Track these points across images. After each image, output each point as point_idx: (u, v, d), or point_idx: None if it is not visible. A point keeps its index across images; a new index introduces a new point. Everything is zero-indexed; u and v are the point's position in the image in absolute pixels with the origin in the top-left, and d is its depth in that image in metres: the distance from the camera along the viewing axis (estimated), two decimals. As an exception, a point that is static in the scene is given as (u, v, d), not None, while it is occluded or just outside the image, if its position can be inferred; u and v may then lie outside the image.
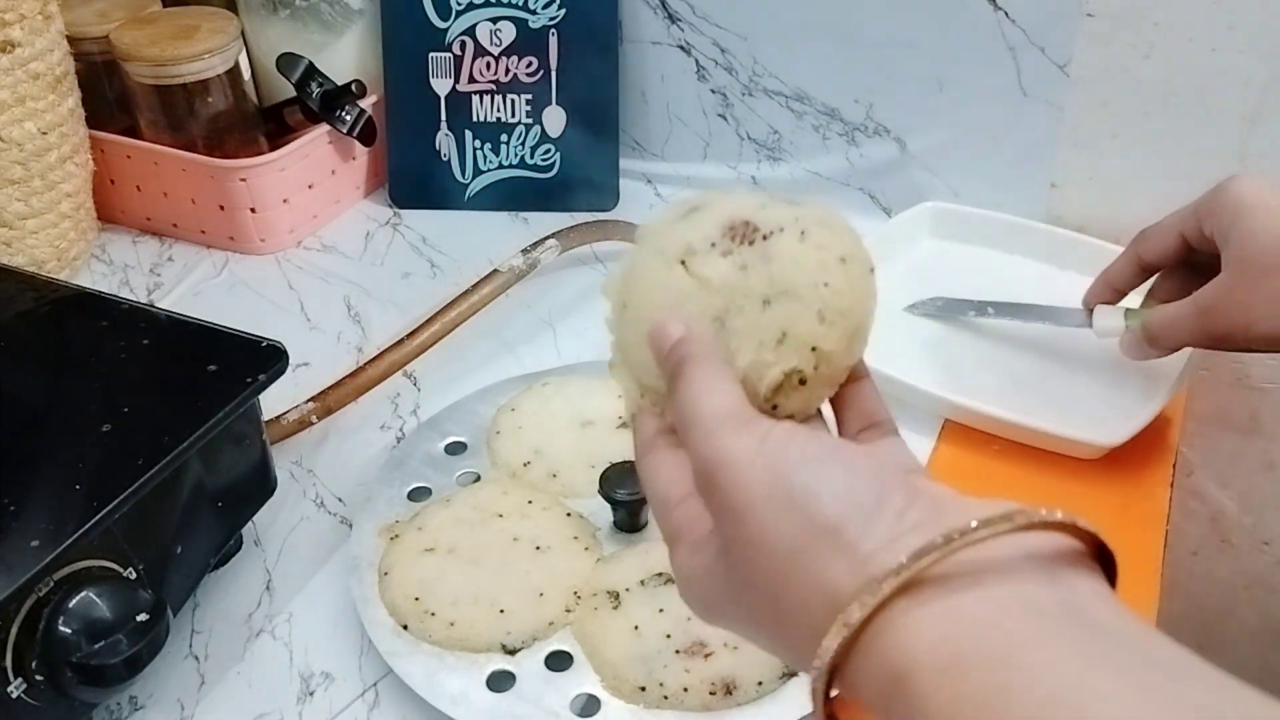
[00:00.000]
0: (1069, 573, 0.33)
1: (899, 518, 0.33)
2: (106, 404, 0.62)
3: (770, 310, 0.41)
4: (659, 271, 0.42)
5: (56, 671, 0.54)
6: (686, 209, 0.44)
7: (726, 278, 0.41)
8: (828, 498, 0.34)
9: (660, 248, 0.43)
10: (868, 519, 0.33)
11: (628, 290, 0.43)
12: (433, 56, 1.02)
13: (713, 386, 0.38)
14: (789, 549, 0.34)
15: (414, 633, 0.62)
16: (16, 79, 0.86)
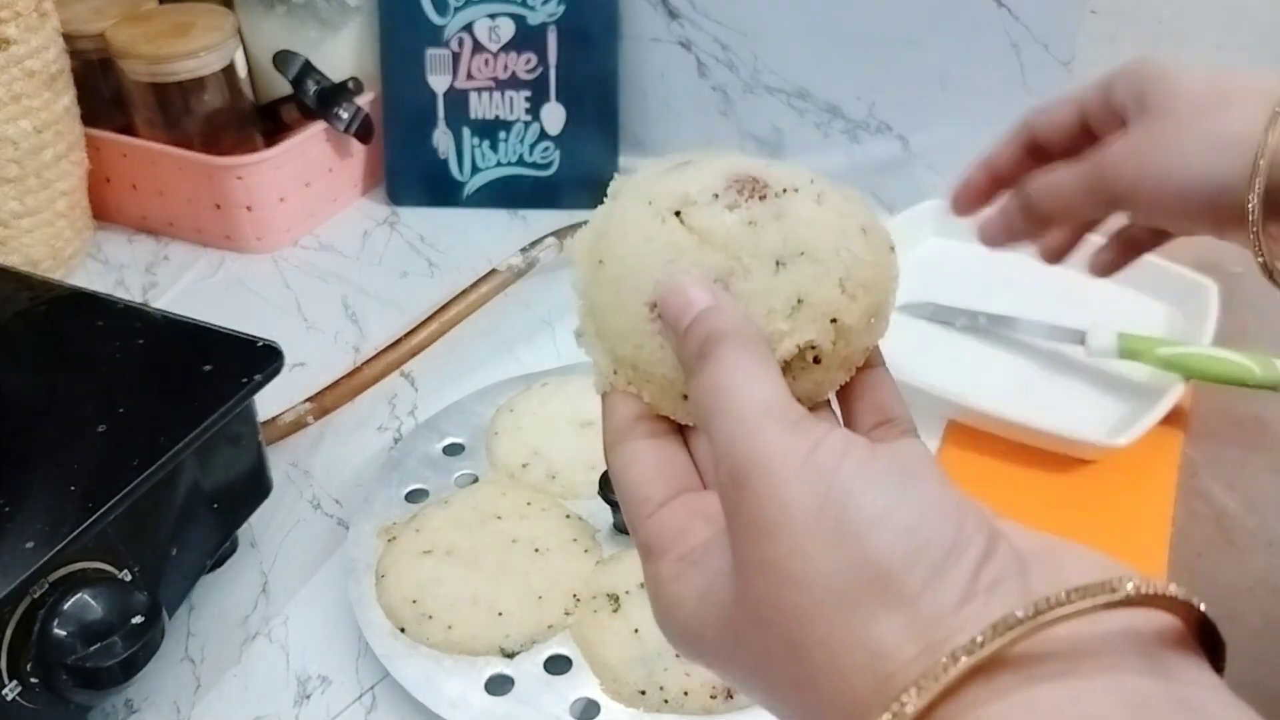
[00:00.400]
0: (1176, 659, 0.26)
1: (975, 574, 0.26)
2: (102, 404, 0.62)
3: (784, 273, 0.34)
4: (647, 223, 0.35)
5: (52, 674, 0.53)
6: (677, 162, 0.38)
7: (732, 233, 0.34)
8: (891, 532, 0.27)
9: (648, 197, 0.36)
10: (938, 569, 0.26)
11: (604, 246, 0.36)
12: (430, 53, 1.02)
13: (756, 373, 0.31)
14: (829, 589, 0.27)
15: (411, 635, 0.62)
16: (11, 76, 0.85)
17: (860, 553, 0.27)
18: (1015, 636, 0.24)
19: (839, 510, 0.27)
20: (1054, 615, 0.25)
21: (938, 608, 0.26)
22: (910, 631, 0.26)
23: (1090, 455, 0.75)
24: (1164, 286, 0.87)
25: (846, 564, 0.27)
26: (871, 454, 0.29)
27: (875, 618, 0.26)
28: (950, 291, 0.88)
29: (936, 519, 0.27)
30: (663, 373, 0.35)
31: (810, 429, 0.29)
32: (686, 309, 0.33)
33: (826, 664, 0.27)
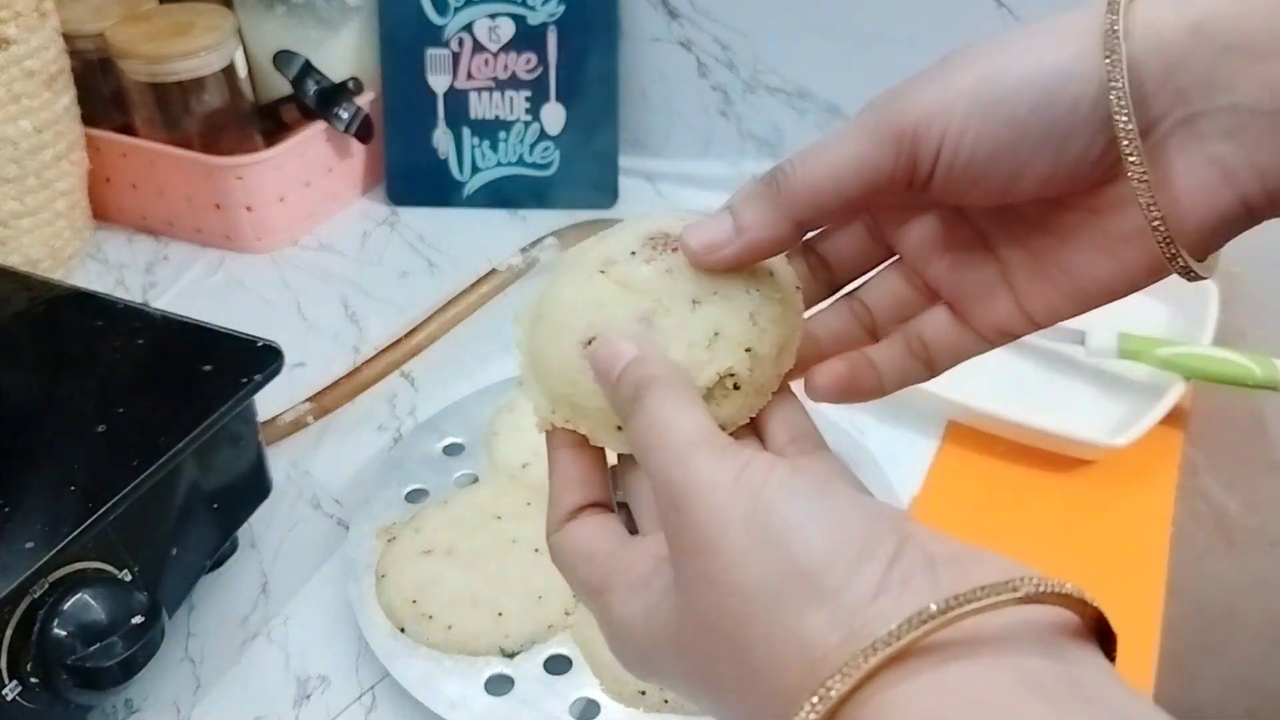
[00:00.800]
0: (1070, 646, 0.29)
1: (888, 568, 0.29)
2: (101, 404, 0.62)
3: (700, 310, 0.38)
4: (576, 281, 0.39)
5: (51, 674, 0.53)
6: (605, 233, 0.42)
7: (650, 280, 0.38)
8: (813, 535, 0.30)
9: (577, 264, 0.40)
10: (854, 565, 0.29)
11: (542, 305, 0.40)
12: (430, 53, 1.01)
13: (683, 409, 0.34)
14: (762, 591, 0.30)
15: (411, 635, 0.62)
16: (11, 76, 0.85)
17: (786, 557, 0.30)
18: (925, 631, 0.27)
19: (765, 522, 0.30)
20: (962, 610, 0.27)
21: (856, 599, 0.29)
22: (833, 622, 0.29)
23: (1090, 455, 0.75)
24: (1164, 286, 0.86)
25: (775, 568, 0.30)
26: (792, 471, 0.31)
27: (803, 613, 0.29)
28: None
29: (850, 523, 0.30)
30: (597, 405, 0.38)
31: (736, 454, 0.32)
32: (616, 358, 0.36)
33: (765, 660, 0.30)
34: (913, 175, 0.36)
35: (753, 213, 0.37)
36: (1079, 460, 0.75)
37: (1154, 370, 0.78)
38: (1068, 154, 0.35)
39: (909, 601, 0.28)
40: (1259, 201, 0.34)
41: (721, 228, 0.37)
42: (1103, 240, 0.37)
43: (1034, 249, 0.39)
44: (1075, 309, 0.39)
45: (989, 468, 0.76)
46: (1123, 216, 0.36)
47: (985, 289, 0.40)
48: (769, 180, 0.37)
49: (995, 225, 0.39)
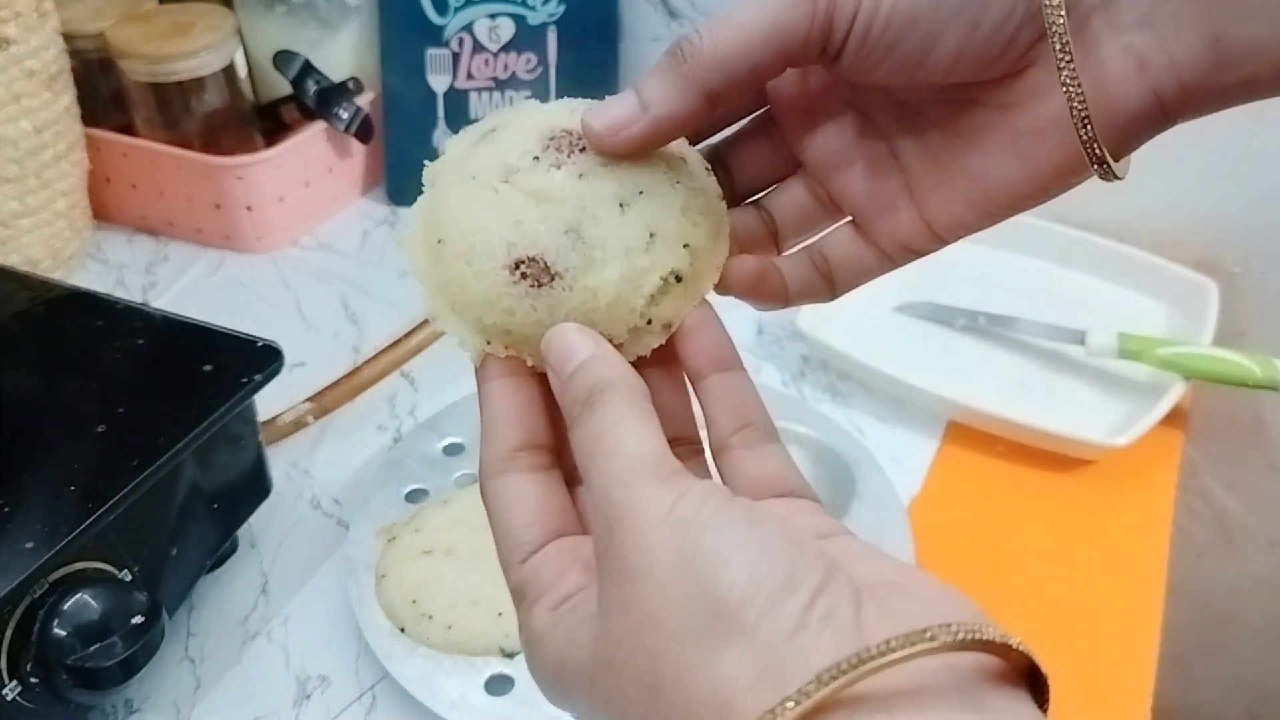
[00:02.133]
0: (993, 694, 0.28)
1: (809, 605, 0.28)
2: (101, 404, 0.62)
3: (630, 212, 0.36)
4: (479, 195, 0.36)
5: (51, 674, 0.53)
6: (481, 132, 0.38)
7: (567, 188, 0.35)
8: (735, 567, 0.28)
9: (468, 174, 0.36)
10: (774, 599, 0.28)
11: (441, 227, 0.36)
12: (430, 53, 1.01)
13: (636, 426, 0.32)
14: (680, 626, 0.28)
15: (411, 635, 0.62)
16: (11, 76, 0.85)
17: (706, 589, 0.28)
18: (841, 685, 0.26)
19: (691, 553, 0.29)
20: (875, 665, 0.26)
21: (772, 637, 0.27)
22: (746, 661, 0.27)
23: (1090, 455, 0.75)
24: (1164, 286, 0.87)
25: (695, 602, 0.28)
26: (726, 502, 0.30)
27: (718, 651, 0.28)
28: (950, 291, 0.88)
29: (773, 556, 0.28)
30: (539, 334, 0.35)
31: (678, 482, 0.30)
32: (570, 355, 0.34)
33: (677, 700, 0.28)
34: (825, 42, 0.34)
35: (659, 87, 0.35)
36: (1079, 460, 0.75)
37: (1154, 370, 0.78)
38: (981, 28, 0.33)
39: (827, 641, 0.27)
40: (1173, 97, 0.33)
41: (626, 106, 0.35)
42: (1011, 138, 0.35)
43: (938, 155, 0.37)
44: (979, 219, 0.38)
45: (989, 468, 0.76)
46: (1032, 111, 0.35)
47: (888, 201, 0.39)
48: (673, 52, 0.35)
49: (900, 130, 0.38)
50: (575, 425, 0.33)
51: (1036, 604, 0.67)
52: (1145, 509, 0.74)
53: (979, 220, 0.38)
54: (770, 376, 0.83)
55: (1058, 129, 0.34)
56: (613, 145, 0.35)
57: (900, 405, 0.80)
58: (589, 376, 0.33)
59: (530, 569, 0.34)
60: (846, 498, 0.70)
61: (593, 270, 0.35)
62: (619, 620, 0.30)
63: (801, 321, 0.82)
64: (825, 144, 0.39)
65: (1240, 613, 1.07)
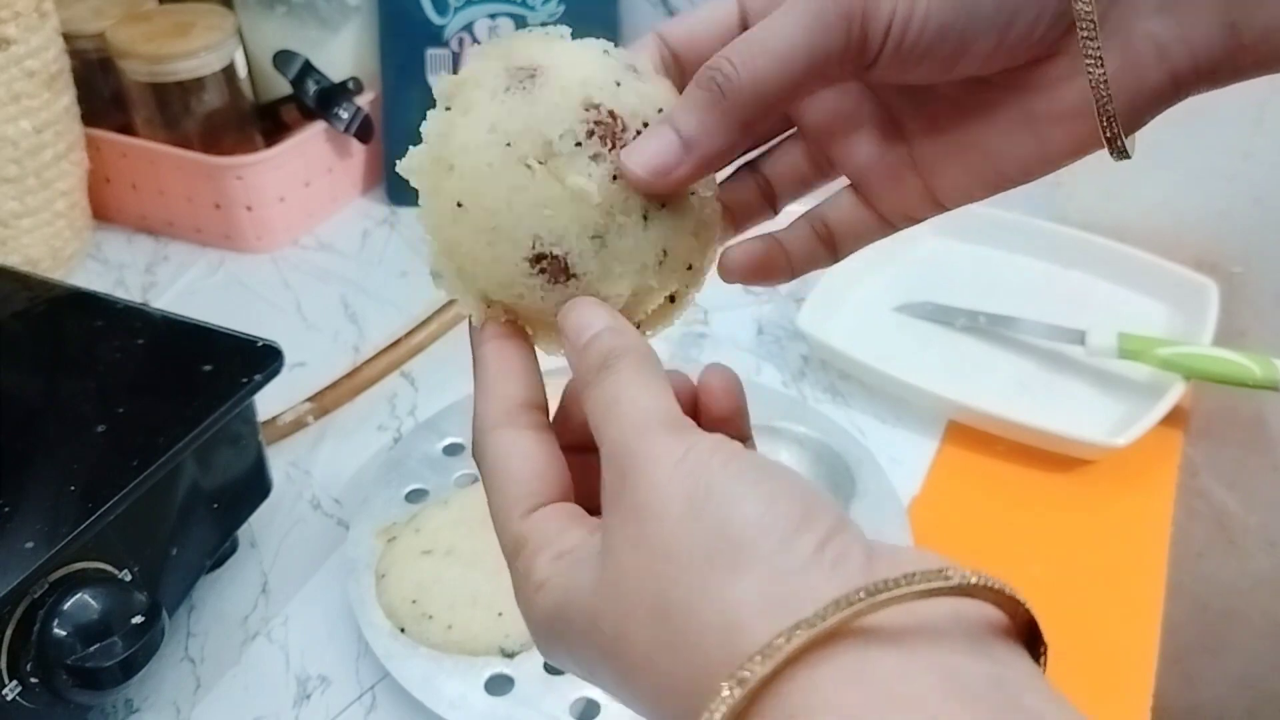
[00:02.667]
0: (998, 645, 0.28)
1: (822, 544, 0.28)
2: (101, 404, 0.62)
3: (652, 227, 0.35)
4: (512, 169, 0.34)
5: (51, 674, 0.53)
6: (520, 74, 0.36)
7: (602, 189, 0.34)
8: (748, 506, 0.29)
9: (504, 132, 0.35)
10: (787, 536, 0.28)
11: (461, 185, 0.35)
12: (430, 53, 1.01)
13: (651, 386, 0.33)
14: (690, 555, 0.29)
15: (411, 635, 0.61)
16: (11, 76, 0.85)
17: (719, 526, 0.29)
18: (854, 612, 0.26)
19: (705, 495, 0.29)
20: (890, 595, 0.26)
21: (785, 567, 0.28)
22: (758, 587, 0.28)
23: (1090, 455, 0.75)
24: (1164, 286, 0.87)
25: (707, 537, 0.29)
26: (737, 453, 0.31)
27: (730, 578, 0.28)
28: (950, 291, 0.88)
29: (788, 499, 0.29)
30: (546, 320, 0.36)
31: (689, 433, 0.31)
32: (586, 327, 0.34)
33: (683, 624, 0.28)
34: (860, 60, 0.33)
35: (699, 124, 0.34)
36: (1079, 460, 0.75)
37: (1154, 370, 0.78)
38: (1014, 29, 0.33)
39: (839, 578, 0.27)
40: (1187, 77, 0.34)
41: (668, 149, 0.34)
42: (1027, 119, 0.35)
43: (948, 129, 0.37)
44: (987, 191, 0.38)
45: (989, 468, 0.76)
46: (1053, 96, 0.35)
47: (893, 171, 0.38)
48: (708, 84, 0.34)
49: (907, 104, 0.38)
50: (590, 389, 0.34)
51: (1037, 604, 0.66)
52: (1145, 509, 0.73)
53: (985, 192, 0.38)
54: (770, 376, 0.83)
55: (1077, 113, 0.34)
56: (658, 189, 0.35)
57: (900, 405, 0.80)
58: (604, 345, 0.34)
59: (534, 521, 0.34)
60: (846, 498, 0.70)
61: (608, 280, 0.35)
62: (628, 556, 0.30)
63: (801, 321, 0.82)
64: (828, 111, 0.39)
65: (1240, 612, 1.07)
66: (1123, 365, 0.79)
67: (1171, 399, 0.75)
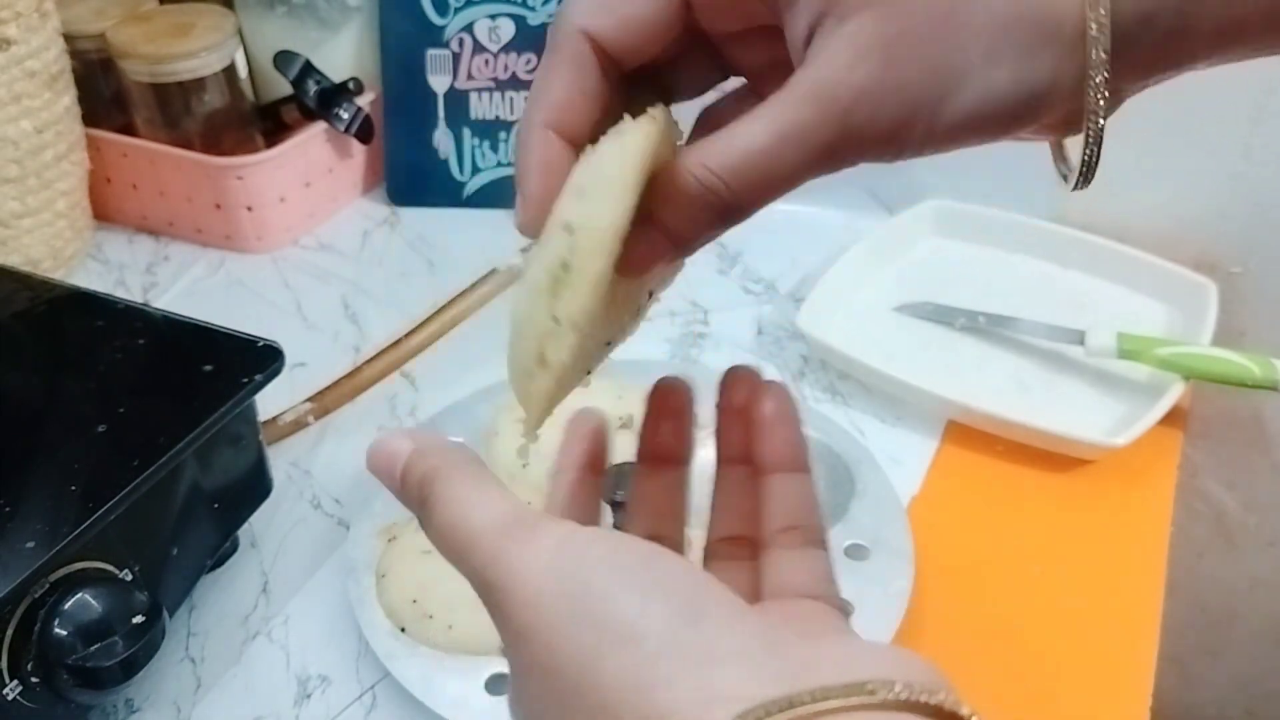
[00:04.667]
0: None
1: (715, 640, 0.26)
2: (102, 404, 0.62)
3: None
4: None
5: (52, 674, 0.53)
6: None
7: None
8: (631, 599, 0.27)
9: None
10: (672, 628, 0.26)
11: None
12: (431, 54, 1.01)
13: (476, 496, 0.31)
14: (579, 666, 0.26)
15: (412, 635, 0.62)
16: (12, 77, 0.85)
17: (601, 624, 0.27)
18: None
19: (582, 595, 0.27)
20: (806, 711, 0.24)
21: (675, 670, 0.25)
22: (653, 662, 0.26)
23: (1090, 455, 0.75)
24: (1163, 286, 0.87)
25: (591, 637, 0.27)
26: (618, 542, 0.29)
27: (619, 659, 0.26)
28: (950, 291, 0.88)
29: (672, 590, 0.27)
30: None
31: (550, 530, 0.29)
32: (393, 462, 0.34)
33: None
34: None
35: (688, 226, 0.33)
36: (1079, 460, 0.75)
37: (1153, 370, 0.78)
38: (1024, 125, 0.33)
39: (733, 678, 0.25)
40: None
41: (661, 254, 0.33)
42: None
43: None
44: None
45: (989, 468, 0.76)
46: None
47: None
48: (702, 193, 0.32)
49: None
50: (425, 527, 0.33)
51: (1036, 604, 0.67)
52: (1145, 509, 0.73)
53: None
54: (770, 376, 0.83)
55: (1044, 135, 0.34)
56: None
57: (900, 405, 0.80)
58: (416, 473, 0.33)
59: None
60: (846, 498, 0.70)
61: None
62: (527, 684, 0.29)
63: (801, 321, 0.82)
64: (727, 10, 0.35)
65: (1240, 612, 1.07)
66: (1122, 365, 0.79)
67: (1171, 399, 0.75)
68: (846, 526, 0.68)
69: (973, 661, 0.63)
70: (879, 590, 0.63)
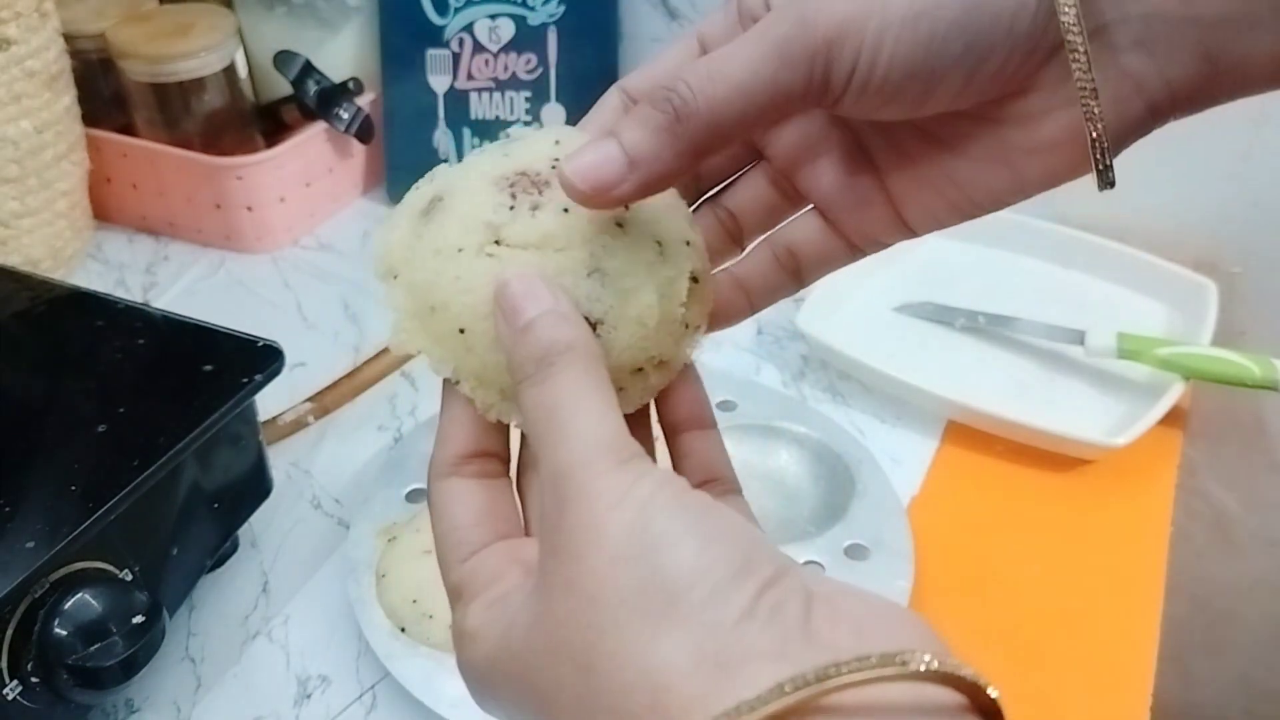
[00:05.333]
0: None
1: (760, 593, 0.27)
2: (102, 404, 0.62)
3: (630, 230, 0.34)
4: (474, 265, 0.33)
5: (52, 674, 0.53)
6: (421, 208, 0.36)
7: (564, 225, 0.33)
8: (684, 548, 0.27)
9: (451, 248, 0.34)
10: (722, 584, 0.27)
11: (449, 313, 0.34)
12: (431, 54, 1.02)
13: (595, 402, 0.30)
14: (620, 604, 0.27)
15: (412, 635, 0.62)
16: (12, 77, 0.85)
17: (651, 568, 0.27)
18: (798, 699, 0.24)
19: (641, 534, 0.28)
20: (839, 682, 0.25)
21: (716, 621, 0.26)
22: (687, 644, 0.26)
23: (1090, 455, 0.75)
24: (1163, 286, 0.87)
25: (638, 581, 0.27)
26: (682, 489, 0.29)
27: (658, 632, 0.27)
28: (950, 291, 0.88)
29: (728, 542, 0.28)
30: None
31: (635, 466, 0.29)
32: (525, 303, 0.32)
33: (611, 683, 0.27)
34: (822, 98, 0.32)
35: (647, 143, 0.32)
36: (1079, 460, 0.75)
37: (1153, 370, 0.78)
38: (984, 69, 0.32)
39: (773, 634, 0.26)
40: (1164, 107, 0.33)
41: (610, 164, 0.32)
42: (1001, 152, 0.35)
43: (918, 159, 0.36)
44: (958, 218, 0.37)
45: (989, 468, 0.76)
46: (1030, 129, 0.34)
47: (861, 196, 0.37)
48: (662, 104, 0.32)
49: (876, 134, 0.37)
50: (527, 385, 0.31)
51: (1036, 604, 0.67)
52: (1144, 509, 0.74)
53: (956, 219, 0.37)
54: (770, 376, 0.83)
55: (1055, 146, 0.34)
56: (598, 205, 0.33)
57: (900, 405, 0.80)
58: (547, 333, 0.31)
59: (470, 568, 0.33)
60: (846, 498, 0.70)
61: (632, 299, 0.34)
62: (561, 600, 0.29)
63: (801, 321, 0.83)
64: (795, 138, 0.38)
65: (1240, 612, 1.07)
66: (1122, 365, 0.79)
67: (1170, 399, 0.75)
68: (846, 526, 0.68)
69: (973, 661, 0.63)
70: (879, 590, 0.63)
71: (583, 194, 0.32)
